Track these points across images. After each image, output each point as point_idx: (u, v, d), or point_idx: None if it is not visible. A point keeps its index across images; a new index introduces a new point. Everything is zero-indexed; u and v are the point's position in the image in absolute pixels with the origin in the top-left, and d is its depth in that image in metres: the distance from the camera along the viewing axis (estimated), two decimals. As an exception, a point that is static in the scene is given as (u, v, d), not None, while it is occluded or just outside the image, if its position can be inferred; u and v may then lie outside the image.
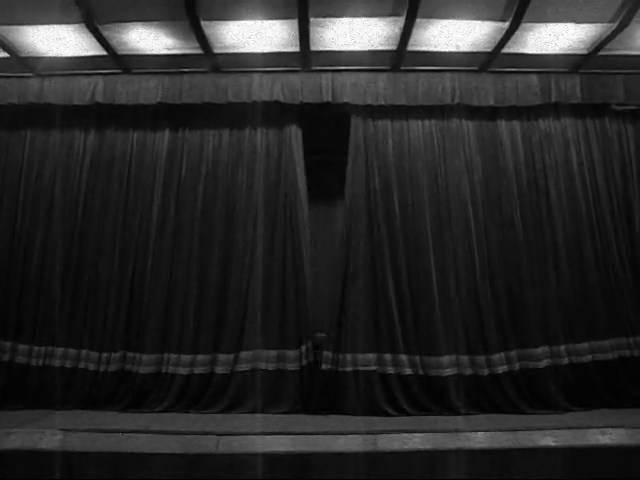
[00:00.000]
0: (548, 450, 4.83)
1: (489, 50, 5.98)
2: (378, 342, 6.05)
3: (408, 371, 5.99)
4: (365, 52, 6.03)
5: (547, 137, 6.54)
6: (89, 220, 6.47)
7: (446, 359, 5.99)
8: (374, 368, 5.96)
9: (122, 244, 6.41)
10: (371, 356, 6.01)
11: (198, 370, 6.10)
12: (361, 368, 5.95)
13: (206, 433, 5.04)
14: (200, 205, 6.46)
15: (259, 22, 5.55)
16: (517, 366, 6.05)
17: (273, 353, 6.07)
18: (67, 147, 6.66)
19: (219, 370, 6.08)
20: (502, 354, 6.06)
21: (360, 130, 6.52)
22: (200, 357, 6.13)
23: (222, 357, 6.11)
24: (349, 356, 5.98)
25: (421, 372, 6.00)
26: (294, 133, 6.57)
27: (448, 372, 5.97)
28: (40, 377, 6.11)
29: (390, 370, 5.98)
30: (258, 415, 5.76)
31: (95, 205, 6.50)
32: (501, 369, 6.01)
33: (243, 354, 6.12)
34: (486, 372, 6.00)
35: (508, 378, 5.99)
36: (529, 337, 6.10)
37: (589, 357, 6.08)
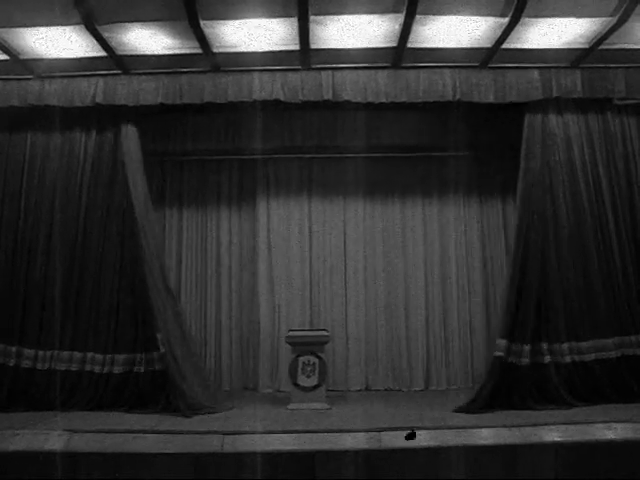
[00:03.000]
0: (554, 445, 4.82)
1: (489, 46, 5.94)
2: None
3: None
4: (365, 49, 6.01)
5: (549, 134, 6.50)
6: (92, 222, 6.43)
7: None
8: None
9: (125, 245, 6.40)
10: None
11: None
12: None
13: (211, 432, 5.04)
14: None
15: (258, 21, 5.52)
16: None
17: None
18: (68, 149, 6.61)
19: None
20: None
21: (538, 127, 6.37)
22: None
23: None
24: None
25: None
26: (126, 133, 6.46)
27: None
28: (46, 380, 6.11)
29: None
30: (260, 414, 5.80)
31: (97, 207, 6.47)
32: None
33: None
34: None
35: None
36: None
37: (592, 355, 6.04)
